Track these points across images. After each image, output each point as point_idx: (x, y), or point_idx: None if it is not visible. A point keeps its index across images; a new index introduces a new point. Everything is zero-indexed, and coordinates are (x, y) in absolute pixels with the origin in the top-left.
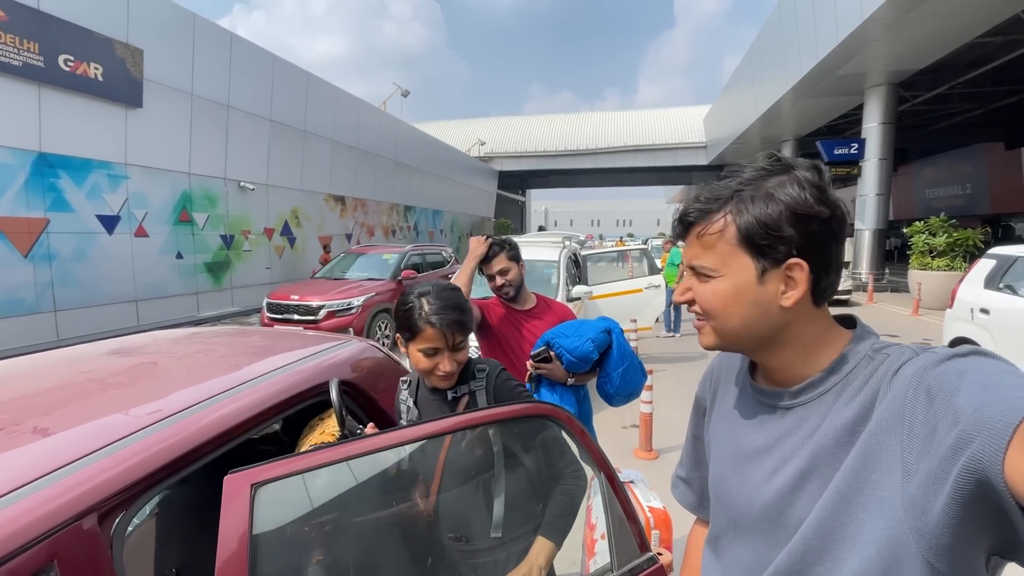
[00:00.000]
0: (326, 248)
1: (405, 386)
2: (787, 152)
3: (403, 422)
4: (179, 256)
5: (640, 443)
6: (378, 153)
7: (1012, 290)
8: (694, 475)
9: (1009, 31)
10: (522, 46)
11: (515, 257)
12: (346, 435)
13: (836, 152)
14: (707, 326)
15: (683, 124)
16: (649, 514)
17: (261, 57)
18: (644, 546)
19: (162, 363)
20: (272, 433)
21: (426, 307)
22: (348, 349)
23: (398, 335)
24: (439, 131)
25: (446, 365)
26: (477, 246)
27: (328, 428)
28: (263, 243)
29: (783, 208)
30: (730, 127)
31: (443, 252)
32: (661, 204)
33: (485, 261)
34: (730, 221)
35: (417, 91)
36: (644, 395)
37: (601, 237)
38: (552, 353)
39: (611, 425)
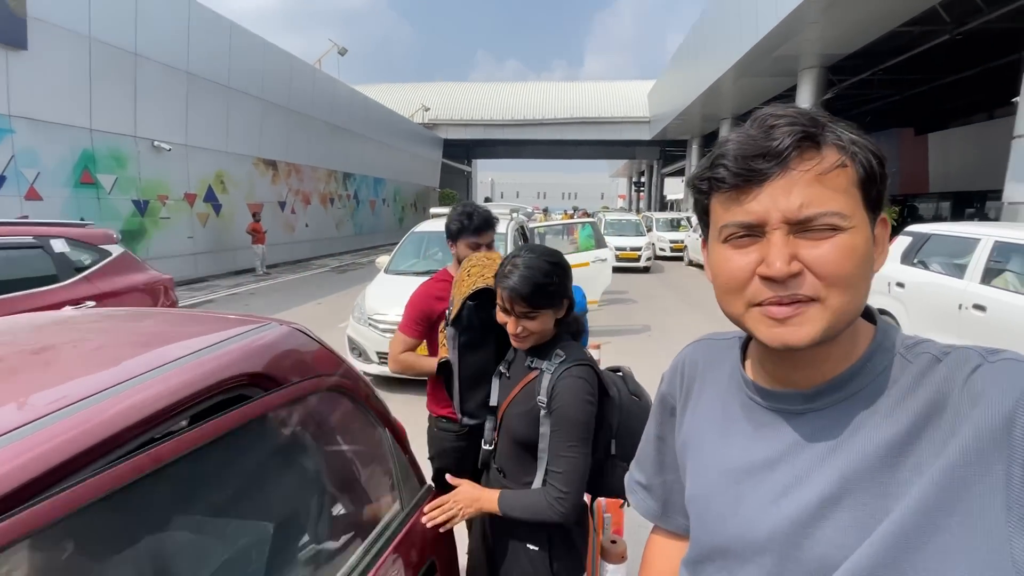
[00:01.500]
0: (255, 216)
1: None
2: (724, 132)
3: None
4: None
5: None
6: (313, 115)
7: (925, 265)
8: (656, 480)
9: (926, 22)
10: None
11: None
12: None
13: None
14: (813, 310)
15: (628, 98)
16: (607, 513)
17: (174, 0)
18: (421, 481)
19: (6, 360)
20: None
21: (507, 267)
22: (267, 334)
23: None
24: (380, 94)
25: (512, 327)
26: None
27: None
28: (184, 210)
29: (876, 146)
30: (673, 103)
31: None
32: (605, 178)
33: (479, 231)
34: (846, 155)
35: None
36: None
37: (546, 210)
38: None
39: None
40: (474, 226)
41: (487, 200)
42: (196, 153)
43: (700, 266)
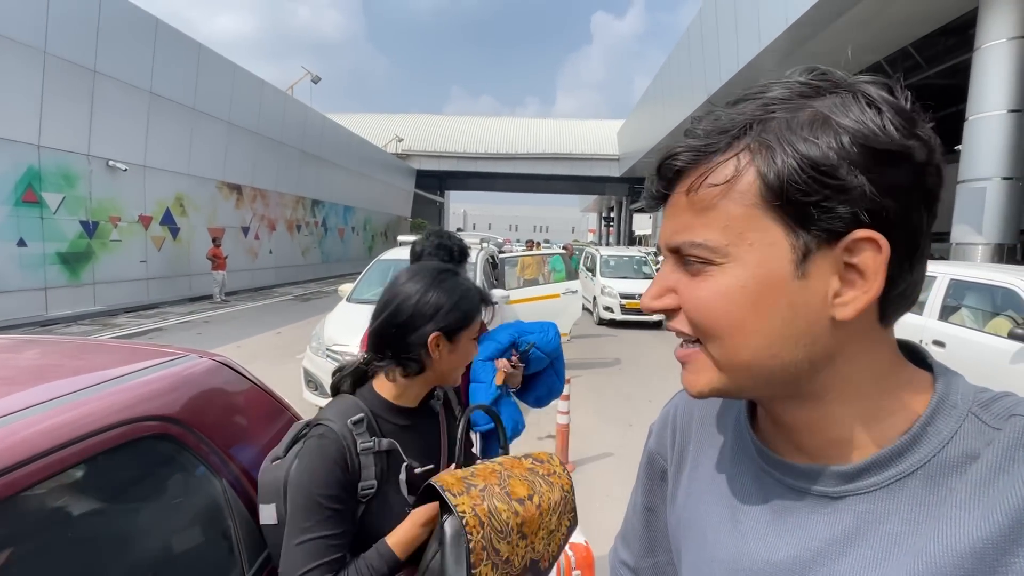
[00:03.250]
0: (215, 241)
1: (361, 435)
2: None
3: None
4: (21, 243)
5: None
6: (282, 141)
7: None
8: (646, 563)
9: (874, 74)
10: (444, 47)
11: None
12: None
13: None
14: (701, 356)
15: (598, 136)
16: (569, 552)
17: (139, 19)
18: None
19: None
20: None
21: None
22: (184, 369)
23: (437, 335)
24: (353, 123)
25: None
26: None
27: None
28: (138, 232)
29: (847, 139)
30: (641, 142)
31: None
32: (576, 212)
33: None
34: (746, 165)
35: (330, 80)
36: (561, 404)
37: (518, 241)
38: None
39: (526, 436)
40: (452, 261)
41: (459, 230)
42: (155, 174)
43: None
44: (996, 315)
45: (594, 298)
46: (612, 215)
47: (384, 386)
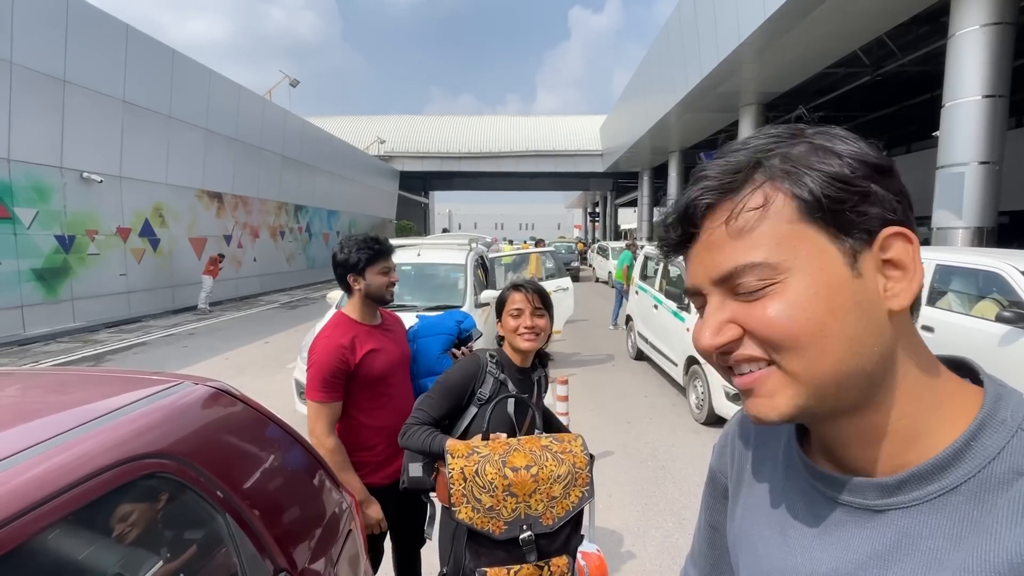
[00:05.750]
0: (221, 257)
1: (492, 365)
2: (672, 164)
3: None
4: None
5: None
6: (262, 146)
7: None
8: None
9: (849, 64)
10: (422, 46)
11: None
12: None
13: None
14: (775, 376)
15: (581, 132)
16: (583, 561)
17: (109, 26)
18: (277, 570)
19: None
20: None
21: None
22: (179, 399)
23: (499, 322)
24: (334, 127)
25: (527, 321)
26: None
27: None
28: (116, 245)
29: (850, 159)
30: (624, 137)
31: None
32: (561, 209)
33: (388, 253)
34: (773, 191)
35: (309, 83)
36: (559, 406)
37: (505, 239)
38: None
39: None
40: (385, 248)
41: (444, 231)
42: (132, 185)
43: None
44: (982, 298)
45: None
46: (597, 210)
47: (509, 351)
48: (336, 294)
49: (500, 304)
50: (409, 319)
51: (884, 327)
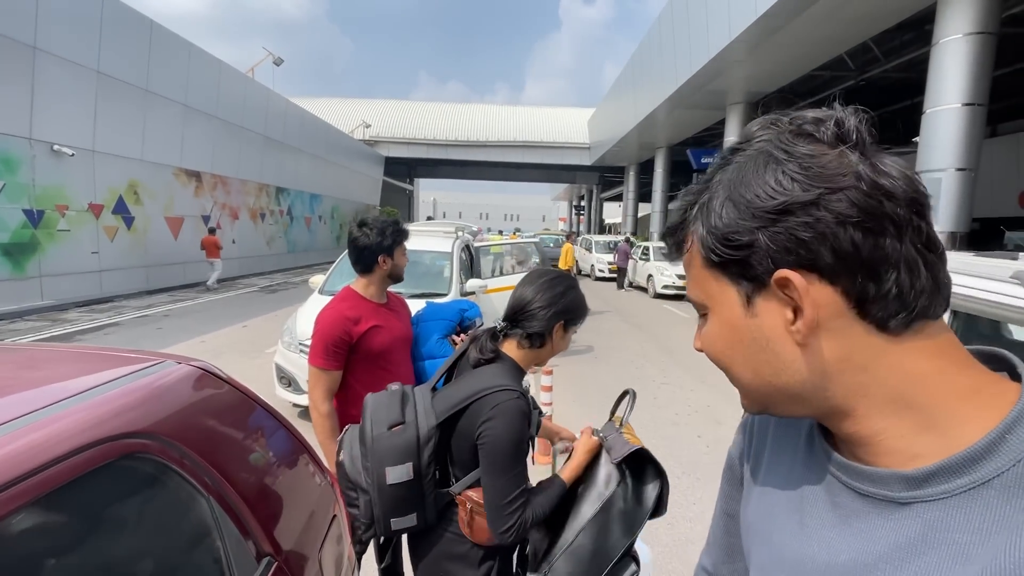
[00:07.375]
0: (213, 231)
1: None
2: (659, 160)
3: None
4: None
5: (538, 447)
6: (243, 125)
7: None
8: (725, 569)
9: (835, 67)
10: (411, 29)
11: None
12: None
13: (703, 160)
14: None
15: (569, 125)
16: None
17: None
18: (260, 555)
19: None
20: None
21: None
22: (161, 378)
23: (559, 324)
24: (318, 108)
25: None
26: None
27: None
28: (88, 221)
29: (744, 204)
30: (611, 131)
31: None
32: (547, 201)
33: (406, 238)
34: (693, 235)
35: (293, 62)
36: (544, 396)
37: (489, 230)
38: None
39: None
40: (407, 231)
41: (429, 219)
42: (105, 160)
43: (642, 288)
44: None
45: (649, 276)
46: (583, 203)
47: (516, 352)
48: (319, 279)
49: (575, 317)
50: (416, 305)
51: (794, 358)
